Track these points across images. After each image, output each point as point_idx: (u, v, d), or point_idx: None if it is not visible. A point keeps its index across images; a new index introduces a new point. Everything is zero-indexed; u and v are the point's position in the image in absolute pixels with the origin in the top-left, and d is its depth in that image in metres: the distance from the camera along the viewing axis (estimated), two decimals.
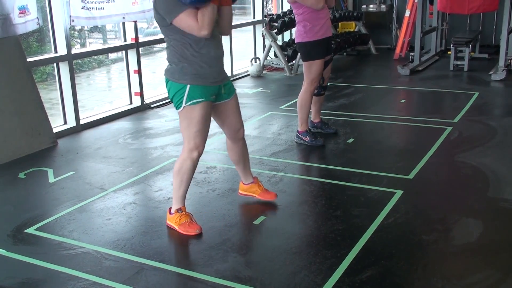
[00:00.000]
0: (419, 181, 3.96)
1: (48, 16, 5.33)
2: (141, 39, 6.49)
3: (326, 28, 4.65)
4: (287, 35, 9.45)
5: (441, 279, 2.68)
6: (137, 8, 5.87)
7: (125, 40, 6.33)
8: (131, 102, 6.46)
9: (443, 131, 5.08)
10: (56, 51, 5.43)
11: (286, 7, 9.91)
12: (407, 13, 9.39)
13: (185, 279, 2.80)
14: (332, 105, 6.23)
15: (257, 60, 8.53)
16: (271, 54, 8.59)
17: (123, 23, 6.21)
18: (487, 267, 2.79)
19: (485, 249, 2.98)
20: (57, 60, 5.43)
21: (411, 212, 3.46)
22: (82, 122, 5.65)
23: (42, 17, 5.07)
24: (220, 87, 3.19)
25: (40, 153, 4.87)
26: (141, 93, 6.39)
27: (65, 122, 5.59)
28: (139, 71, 6.34)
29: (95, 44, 8.13)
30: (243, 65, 8.74)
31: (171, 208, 3.32)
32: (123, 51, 6.33)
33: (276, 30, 8.34)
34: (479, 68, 8.09)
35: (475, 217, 3.37)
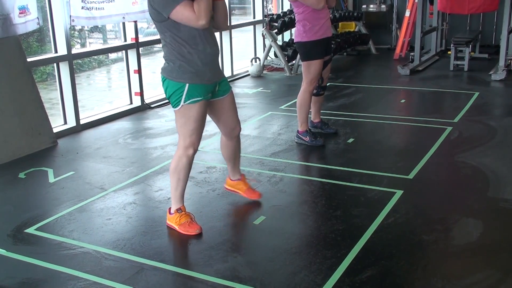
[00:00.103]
0: (419, 181, 3.95)
1: (48, 16, 5.33)
2: (141, 39, 6.49)
3: (325, 28, 4.65)
4: (287, 35, 9.44)
5: (441, 279, 2.68)
6: (137, 8, 5.87)
7: (125, 40, 6.33)
8: (131, 102, 6.46)
9: (443, 131, 5.08)
10: (56, 51, 5.43)
11: (286, 7, 9.91)
12: (407, 13, 9.39)
13: (185, 279, 2.80)
14: (332, 105, 6.23)
15: (257, 60, 8.53)
16: (271, 54, 8.59)
17: (123, 23, 6.21)
18: (487, 267, 2.79)
19: (485, 249, 2.98)
20: (57, 60, 5.43)
21: (411, 212, 3.45)
22: (82, 122, 5.65)
23: (42, 17, 5.07)
24: (216, 85, 3.20)
25: (40, 153, 4.87)
26: (141, 93, 6.39)
27: (65, 122, 5.59)
28: (139, 71, 6.34)
29: (95, 44, 8.12)
30: (243, 65, 8.74)
31: (171, 208, 3.32)
32: (123, 51, 6.33)
33: (276, 30, 8.34)
34: (479, 68, 8.09)
35: (475, 217, 3.37)
